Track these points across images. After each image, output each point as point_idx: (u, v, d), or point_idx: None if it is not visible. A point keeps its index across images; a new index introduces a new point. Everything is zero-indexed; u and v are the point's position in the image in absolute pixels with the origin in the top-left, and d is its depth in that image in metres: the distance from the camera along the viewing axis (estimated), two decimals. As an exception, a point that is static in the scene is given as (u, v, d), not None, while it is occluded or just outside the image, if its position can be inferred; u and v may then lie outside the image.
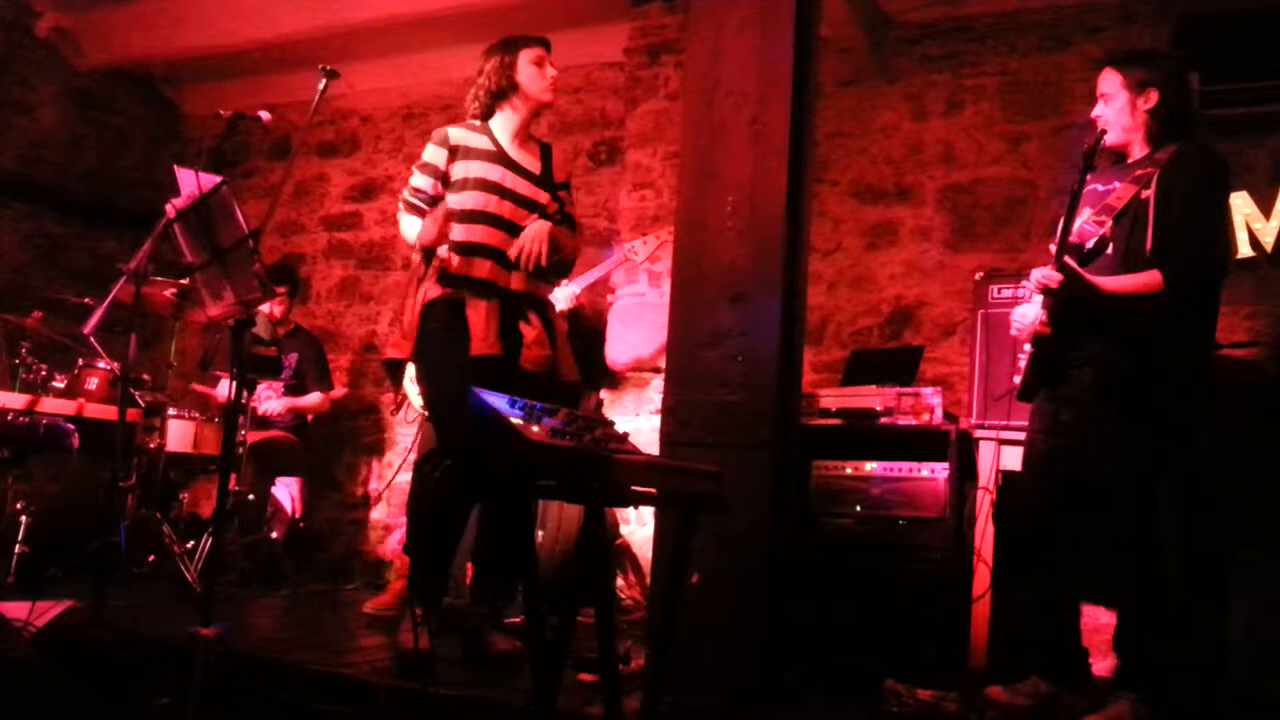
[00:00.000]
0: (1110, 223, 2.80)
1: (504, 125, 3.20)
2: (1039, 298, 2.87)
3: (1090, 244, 2.85)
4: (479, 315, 2.98)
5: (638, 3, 5.08)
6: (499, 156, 3.15)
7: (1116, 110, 2.88)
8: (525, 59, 3.15)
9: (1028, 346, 2.93)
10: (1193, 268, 2.70)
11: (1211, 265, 2.78)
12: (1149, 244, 2.72)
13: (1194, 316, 2.78)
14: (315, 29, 5.45)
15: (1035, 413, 3.00)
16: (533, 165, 3.21)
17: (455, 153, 3.12)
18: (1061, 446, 2.88)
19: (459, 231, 3.05)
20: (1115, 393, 2.76)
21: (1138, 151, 2.91)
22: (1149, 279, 2.70)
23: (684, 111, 3.04)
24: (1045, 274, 2.77)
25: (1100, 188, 2.90)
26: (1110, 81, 2.89)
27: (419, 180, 3.15)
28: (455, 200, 3.07)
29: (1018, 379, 3.02)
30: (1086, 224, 2.87)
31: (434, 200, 3.09)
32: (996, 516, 3.52)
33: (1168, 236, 2.71)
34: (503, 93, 3.16)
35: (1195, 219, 2.72)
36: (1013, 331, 3.04)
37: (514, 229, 3.10)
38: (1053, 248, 2.79)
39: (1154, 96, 2.83)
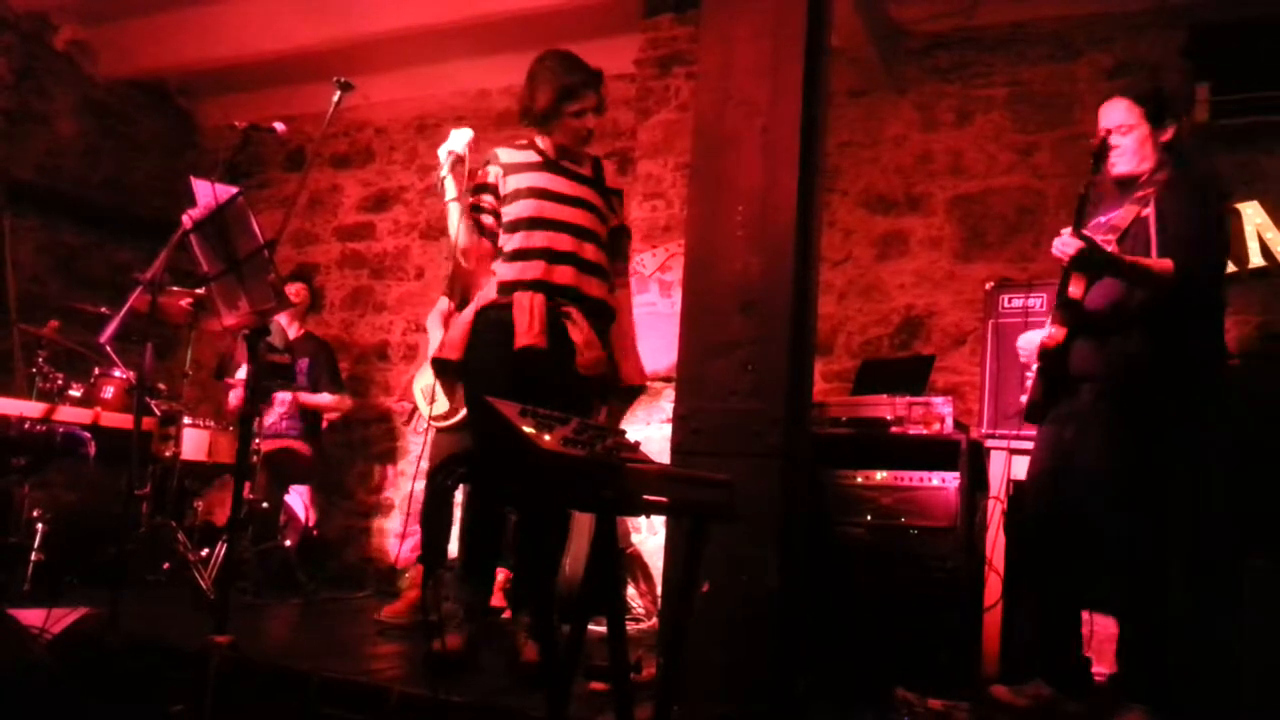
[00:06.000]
0: (1114, 241, 2.87)
1: (548, 140, 3.23)
2: (1046, 329, 2.98)
3: None
4: (523, 310, 2.99)
5: (649, 14, 5.11)
6: (545, 164, 3.19)
7: (1137, 141, 2.95)
8: (568, 110, 3.12)
9: (1034, 368, 3.00)
10: (1198, 260, 2.78)
11: (1213, 262, 2.88)
12: (1152, 255, 2.82)
13: (1197, 328, 2.85)
14: (330, 41, 5.49)
15: (1040, 433, 3.07)
16: (582, 169, 3.24)
17: (505, 170, 3.18)
18: (1063, 466, 2.94)
19: (516, 239, 3.09)
20: (1115, 406, 2.83)
21: (1143, 177, 2.99)
22: (1162, 264, 2.78)
23: (695, 121, 3.06)
24: (1065, 240, 2.81)
25: (1103, 220, 2.98)
26: (1131, 113, 2.95)
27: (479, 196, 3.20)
28: (510, 211, 3.12)
29: (1024, 398, 3.10)
30: None
31: (490, 213, 3.16)
32: (1007, 526, 3.53)
33: (1170, 238, 2.81)
34: (546, 120, 3.17)
35: (1194, 221, 2.82)
36: (1022, 358, 3.14)
37: (568, 228, 3.11)
38: (1066, 231, 2.85)
39: (1172, 130, 2.95)
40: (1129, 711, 2.73)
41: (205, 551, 4.32)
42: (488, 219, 3.16)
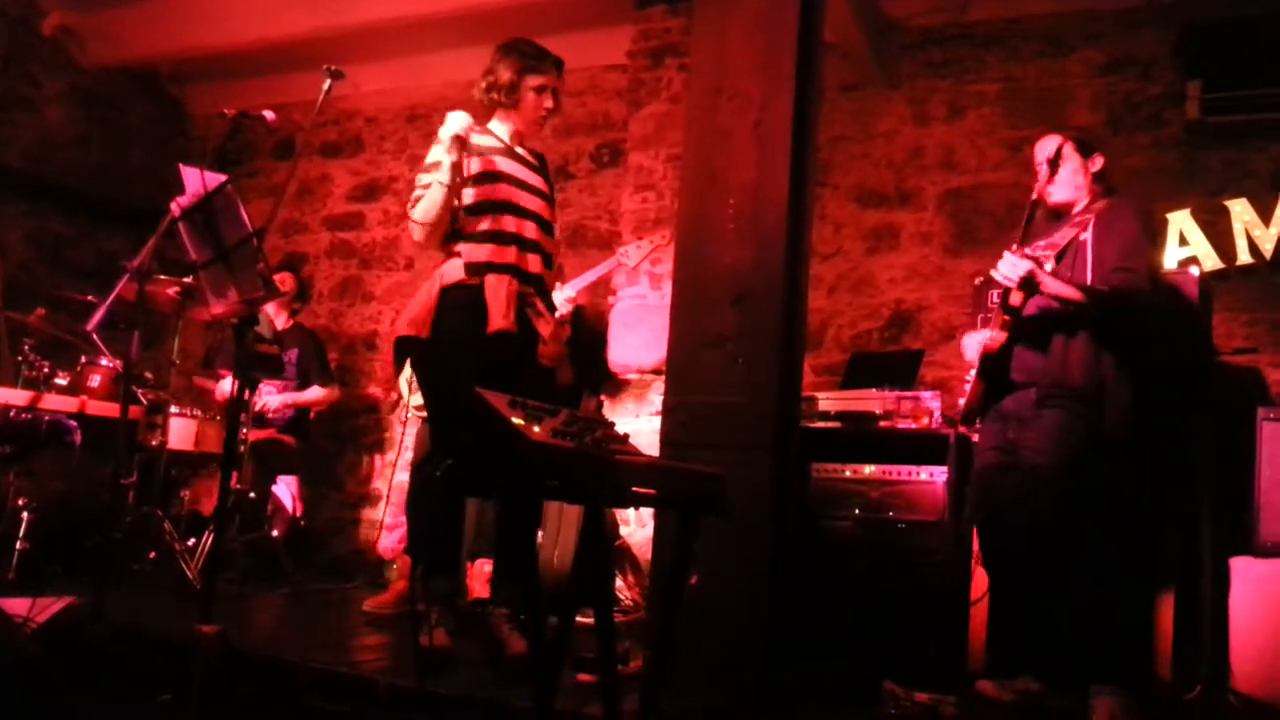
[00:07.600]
0: (1053, 258, 3.05)
1: (503, 127, 3.24)
2: (984, 332, 3.18)
3: None
4: (498, 294, 2.99)
5: (642, 5, 5.09)
6: (509, 151, 3.20)
7: (1070, 171, 3.18)
8: (530, 83, 3.15)
9: (973, 372, 3.16)
10: (1130, 277, 2.96)
11: (1144, 277, 3.03)
12: (1088, 277, 3.01)
13: (1139, 336, 3.02)
14: (321, 29, 5.46)
15: (984, 431, 3.20)
16: (535, 162, 3.27)
17: (469, 152, 3.12)
18: (1008, 462, 3.06)
19: (486, 222, 3.07)
20: (1057, 406, 2.96)
21: (1079, 207, 3.19)
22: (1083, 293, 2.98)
23: (687, 114, 3.05)
24: (1015, 262, 2.98)
25: (1042, 242, 3.12)
26: (1062, 147, 3.16)
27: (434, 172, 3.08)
28: (474, 192, 3.09)
29: (962, 401, 3.23)
30: None
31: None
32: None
33: (1107, 258, 3.01)
34: (502, 104, 3.19)
35: (1129, 244, 3.01)
36: (968, 357, 3.27)
37: (533, 216, 3.14)
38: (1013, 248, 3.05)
39: (1099, 160, 3.22)
40: (1098, 696, 2.78)
41: (191, 541, 4.30)
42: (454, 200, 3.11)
